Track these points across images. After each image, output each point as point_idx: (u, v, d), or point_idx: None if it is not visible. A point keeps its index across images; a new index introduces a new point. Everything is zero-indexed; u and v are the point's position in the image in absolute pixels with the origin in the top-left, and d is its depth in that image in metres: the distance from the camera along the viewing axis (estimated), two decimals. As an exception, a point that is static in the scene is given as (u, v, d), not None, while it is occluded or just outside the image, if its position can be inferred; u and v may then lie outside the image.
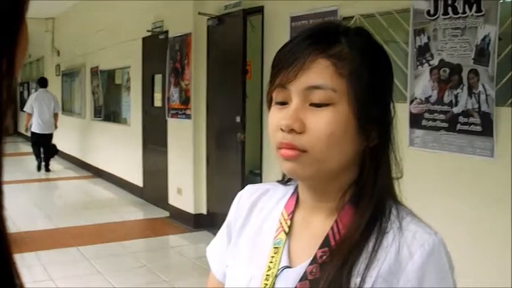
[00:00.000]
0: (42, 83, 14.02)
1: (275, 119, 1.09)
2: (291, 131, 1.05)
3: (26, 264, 6.23)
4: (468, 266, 3.55)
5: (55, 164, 14.57)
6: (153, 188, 9.62)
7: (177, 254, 7.04)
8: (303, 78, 1.05)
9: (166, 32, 8.67)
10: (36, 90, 14.17)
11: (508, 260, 3.65)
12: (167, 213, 8.78)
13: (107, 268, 6.21)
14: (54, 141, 14.91)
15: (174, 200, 8.58)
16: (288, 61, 1.06)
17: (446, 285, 1.04)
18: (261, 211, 1.26)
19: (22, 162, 14.80)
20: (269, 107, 1.14)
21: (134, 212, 9.36)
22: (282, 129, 1.06)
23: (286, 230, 1.17)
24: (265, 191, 1.30)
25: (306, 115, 1.05)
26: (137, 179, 10.30)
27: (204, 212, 7.91)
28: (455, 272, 1.06)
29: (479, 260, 3.80)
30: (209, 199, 7.82)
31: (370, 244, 1.05)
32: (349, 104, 1.04)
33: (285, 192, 1.25)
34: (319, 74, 1.04)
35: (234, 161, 6.99)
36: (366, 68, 1.06)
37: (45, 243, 7.24)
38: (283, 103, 1.09)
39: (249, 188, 1.34)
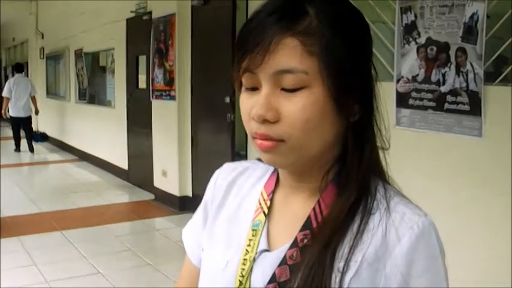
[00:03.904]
0: (18, 68, 14.49)
1: (247, 106, 1.00)
2: (264, 121, 0.96)
3: (9, 249, 6.18)
4: (455, 250, 3.51)
5: (40, 147, 14.53)
6: (138, 171, 9.56)
7: (162, 237, 6.99)
8: (270, 62, 0.94)
9: (150, 12, 8.55)
10: (13, 75, 14.42)
11: (496, 244, 3.61)
12: (152, 196, 8.73)
13: (91, 252, 6.15)
14: (40, 125, 14.98)
15: (159, 182, 8.52)
16: (252, 44, 0.95)
17: (437, 271, 0.95)
18: (239, 191, 1.18)
19: (5, 146, 14.70)
20: (239, 90, 1.03)
21: (119, 195, 9.30)
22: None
23: (266, 211, 1.09)
24: (244, 169, 1.22)
25: (279, 101, 0.95)
26: (122, 162, 10.23)
27: (190, 194, 7.86)
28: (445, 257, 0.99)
29: (467, 244, 3.76)
30: (194, 181, 7.76)
31: (355, 226, 0.97)
32: (323, 85, 0.94)
33: (264, 171, 1.17)
34: (287, 56, 0.93)
35: (222, 142, 6.94)
36: (339, 40, 0.95)
37: (29, 227, 7.17)
38: (254, 88, 0.99)
39: (227, 166, 1.26)
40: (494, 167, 3.64)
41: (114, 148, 10.63)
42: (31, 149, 13.91)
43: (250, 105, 0.99)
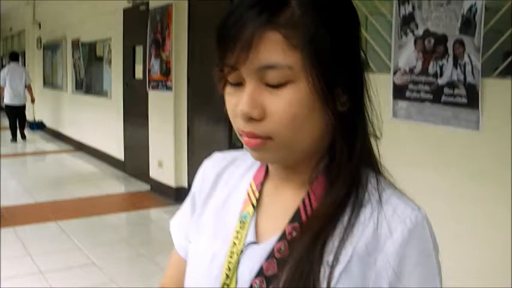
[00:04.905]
0: (13, 57, 14.59)
1: (232, 102, 0.96)
2: (250, 119, 0.92)
3: (4, 240, 6.15)
4: (451, 245, 3.48)
5: (36, 137, 14.51)
6: (134, 161, 9.54)
7: (157, 228, 6.97)
8: (253, 58, 0.90)
9: (147, 3, 8.51)
10: (9, 63, 14.44)
11: (494, 240, 3.58)
12: (148, 187, 8.71)
13: (86, 243, 6.13)
14: (37, 115, 14.99)
15: (155, 173, 8.50)
16: (233, 39, 0.91)
17: (430, 267, 0.92)
18: (227, 181, 1.15)
19: (1, 136, 14.68)
20: (223, 88, 0.99)
21: (115, 185, 9.29)
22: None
23: (254, 202, 1.06)
24: (233, 159, 1.19)
25: (264, 97, 0.92)
26: (118, 152, 10.22)
27: (185, 185, 7.83)
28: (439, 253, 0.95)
29: (463, 239, 3.73)
30: (190, 172, 7.73)
31: (345, 218, 0.93)
32: (308, 79, 0.90)
33: (254, 161, 1.13)
34: (270, 51, 0.89)
35: (218, 133, 6.91)
36: (323, 30, 0.91)
37: (24, 218, 7.15)
38: (238, 83, 0.95)
39: (216, 156, 1.23)
40: (491, 160, 3.61)
41: (111, 138, 10.60)
42: (23, 137, 14.21)
43: (234, 102, 0.95)
